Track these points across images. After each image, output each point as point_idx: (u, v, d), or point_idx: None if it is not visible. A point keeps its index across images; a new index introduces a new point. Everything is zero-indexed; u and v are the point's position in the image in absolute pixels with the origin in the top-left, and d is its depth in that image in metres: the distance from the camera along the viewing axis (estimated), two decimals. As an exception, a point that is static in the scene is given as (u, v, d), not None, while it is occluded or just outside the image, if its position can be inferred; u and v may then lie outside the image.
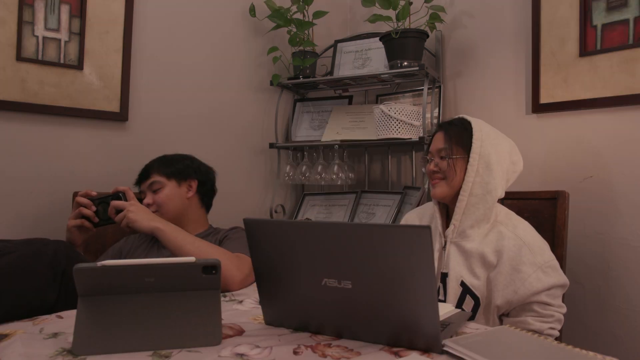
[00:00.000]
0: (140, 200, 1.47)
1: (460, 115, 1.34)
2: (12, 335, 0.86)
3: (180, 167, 1.57)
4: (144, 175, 1.55)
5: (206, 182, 1.63)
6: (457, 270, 1.23)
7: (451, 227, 1.26)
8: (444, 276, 1.25)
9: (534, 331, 1.11)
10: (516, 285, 1.15)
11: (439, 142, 1.30)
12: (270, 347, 0.81)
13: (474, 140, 1.24)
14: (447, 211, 1.34)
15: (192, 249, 1.27)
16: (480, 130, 1.26)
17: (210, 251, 1.28)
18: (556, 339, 1.16)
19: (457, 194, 1.26)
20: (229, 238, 1.48)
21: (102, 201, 1.39)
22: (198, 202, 1.60)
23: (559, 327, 1.18)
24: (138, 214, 1.33)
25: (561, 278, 1.18)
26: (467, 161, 1.24)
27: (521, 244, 1.18)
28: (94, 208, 1.38)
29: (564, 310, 1.19)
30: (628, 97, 1.56)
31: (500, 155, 1.25)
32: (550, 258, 1.19)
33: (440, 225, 1.31)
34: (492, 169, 1.22)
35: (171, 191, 1.52)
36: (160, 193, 1.51)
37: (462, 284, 1.22)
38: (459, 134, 1.27)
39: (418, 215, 1.45)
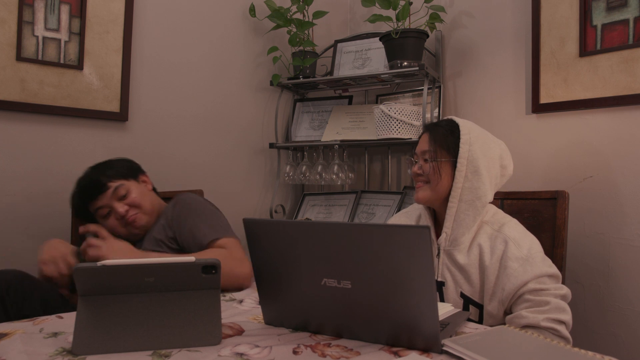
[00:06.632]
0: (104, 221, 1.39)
1: (450, 117, 1.29)
2: (12, 335, 0.86)
3: (127, 166, 1.50)
4: (98, 188, 1.41)
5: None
6: (455, 281, 1.21)
7: (443, 235, 1.22)
8: (440, 285, 1.23)
9: (533, 326, 1.06)
10: (503, 282, 1.12)
11: (424, 144, 1.26)
12: (270, 346, 0.81)
13: (461, 144, 1.19)
14: (434, 215, 1.31)
15: None
16: (469, 133, 1.21)
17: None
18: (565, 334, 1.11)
19: (443, 199, 1.23)
20: (183, 224, 1.37)
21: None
22: (154, 192, 1.56)
23: (563, 317, 1.07)
24: (101, 250, 1.19)
25: (550, 269, 1.12)
26: (453, 165, 1.20)
27: (507, 240, 1.15)
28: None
29: (564, 291, 1.10)
30: (628, 97, 1.56)
31: (490, 160, 1.21)
32: (538, 251, 1.15)
33: (432, 232, 1.27)
34: (481, 174, 1.18)
35: (137, 189, 1.46)
36: (131, 194, 1.43)
37: (462, 295, 1.20)
38: (444, 137, 1.23)
39: (404, 218, 1.41)
